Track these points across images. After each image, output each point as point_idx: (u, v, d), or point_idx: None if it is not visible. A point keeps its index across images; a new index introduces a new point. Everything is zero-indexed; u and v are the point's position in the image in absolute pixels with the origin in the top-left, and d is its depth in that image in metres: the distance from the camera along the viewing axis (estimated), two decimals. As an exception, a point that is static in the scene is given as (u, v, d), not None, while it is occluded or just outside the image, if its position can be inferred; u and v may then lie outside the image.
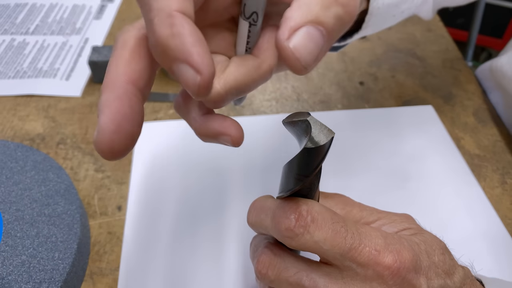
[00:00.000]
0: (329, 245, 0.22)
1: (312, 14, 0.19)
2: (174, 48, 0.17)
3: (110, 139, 0.18)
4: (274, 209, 0.23)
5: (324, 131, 0.20)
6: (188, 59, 0.17)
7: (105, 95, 0.18)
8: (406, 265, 0.22)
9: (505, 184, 0.40)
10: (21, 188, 0.35)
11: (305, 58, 0.19)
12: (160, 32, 0.17)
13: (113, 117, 0.18)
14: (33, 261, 0.31)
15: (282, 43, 0.18)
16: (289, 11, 0.19)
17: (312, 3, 0.19)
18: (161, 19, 0.17)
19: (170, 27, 0.17)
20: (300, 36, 0.18)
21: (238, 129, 0.22)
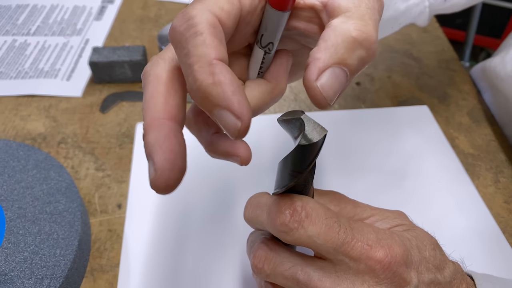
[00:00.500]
0: (323, 240, 0.22)
1: (338, 56, 0.20)
2: (216, 96, 0.18)
3: (168, 177, 0.19)
4: (269, 205, 0.24)
5: (317, 129, 0.20)
6: (229, 107, 0.18)
7: (152, 134, 0.19)
8: (397, 260, 0.23)
9: (498, 182, 0.41)
10: (23, 186, 0.36)
11: (330, 95, 0.20)
12: (203, 79, 0.18)
13: (168, 156, 0.19)
14: (35, 257, 0.31)
15: (312, 84, 0.20)
16: (317, 52, 0.20)
17: (339, 46, 0.20)
18: (202, 67, 0.18)
19: (211, 76, 0.18)
20: (327, 76, 0.20)
21: (247, 149, 0.24)
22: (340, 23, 0.21)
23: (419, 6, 0.35)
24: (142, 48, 0.51)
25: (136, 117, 0.47)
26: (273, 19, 0.21)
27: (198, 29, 0.19)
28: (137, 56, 0.50)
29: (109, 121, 0.46)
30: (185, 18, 0.19)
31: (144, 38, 0.58)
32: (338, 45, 0.20)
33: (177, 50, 0.19)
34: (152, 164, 0.19)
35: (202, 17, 0.19)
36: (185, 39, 0.19)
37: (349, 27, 0.20)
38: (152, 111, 0.20)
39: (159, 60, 0.21)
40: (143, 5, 0.65)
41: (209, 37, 0.19)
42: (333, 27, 0.21)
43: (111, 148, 0.44)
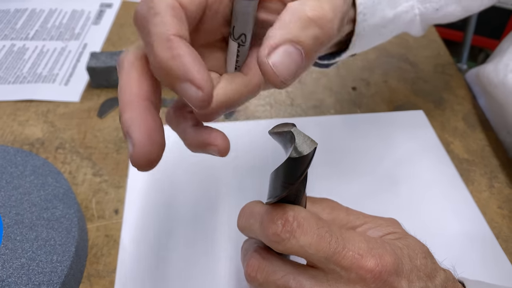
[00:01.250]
0: (314, 249, 0.23)
1: (291, 33, 0.20)
2: (176, 68, 0.19)
3: (146, 151, 0.20)
4: (262, 215, 0.24)
5: (307, 142, 0.21)
6: (189, 78, 0.19)
7: (127, 114, 0.20)
8: (387, 269, 0.23)
9: (492, 188, 0.41)
10: (20, 192, 0.36)
11: (283, 74, 0.20)
12: (161, 55, 0.19)
13: (143, 131, 0.20)
14: (32, 263, 0.32)
15: (262, 59, 0.20)
16: (271, 30, 0.21)
17: (291, 24, 0.20)
18: (161, 43, 0.19)
19: (170, 50, 0.19)
20: (279, 54, 0.20)
21: (224, 139, 0.24)
22: (297, 4, 0.21)
23: (409, 14, 0.34)
24: (140, 53, 0.51)
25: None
26: (241, 9, 0.21)
27: (157, 10, 0.19)
28: (135, 61, 0.50)
29: (107, 126, 0.47)
30: (147, 1, 0.20)
31: (142, 42, 0.59)
32: (292, 23, 0.20)
33: (140, 32, 0.20)
34: (130, 141, 0.20)
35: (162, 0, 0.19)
36: (146, 20, 0.19)
37: (304, 8, 0.21)
38: (126, 94, 0.21)
39: (131, 49, 0.22)
40: None
41: (167, 16, 0.19)
42: (289, 8, 0.21)
43: (108, 153, 0.44)
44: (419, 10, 0.35)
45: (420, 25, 0.36)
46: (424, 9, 0.35)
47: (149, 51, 0.20)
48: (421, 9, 0.35)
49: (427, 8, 0.35)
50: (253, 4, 0.21)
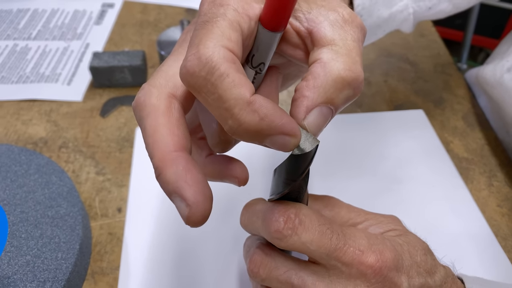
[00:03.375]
0: (316, 246, 0.23)
1: (327, 96, 0.20)
2: (268, 128, 0.19)
3: (203, 209, 0.19)
4: (264, 212, 0.24)
5: (309, 139, 0.21)
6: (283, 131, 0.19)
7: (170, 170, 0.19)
8: (387, 264, 0.23)
9: (491, 186, 0.42)
10: (25, 191, 0.37)
11: (314, 131, 0.21)
12: (249, 121, 0.18)
13: (197, 189, 0.19)
14: (37, 261, 0.32)
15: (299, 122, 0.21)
16: (306, 90, 0.21)
17: (328, 86, 0.20)
18: (243, 109, 0.18)
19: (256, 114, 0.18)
20: (314, 115, 0.21)
21: (244, 169, 0.24)
22: (330, 59, 0.21)
23: (403, 13, 0.35)
24: (142, 53, 0.52)
25: (136, 121, 0.48)
26: (265, 40, 0.21)
27: (222, 71, 0.18)
28: (137, 61, 0.50)
29: (109, 125, 0.47)
30: (201, 61, 0.18)
31: (143, 42, 0.59)
32: (327, 84, 0.20)
33: (201, 94, 0.19)
34: (181, 200, 0.19)
35: (219, 56, 0.18)
36: (211, 84, 0.18)
37: (338, 66, 0.20)
38: (160, 146, 0.19)
39: (152, 89, 0.21)
40: (143, 9, 0.66)
41: (236, 76, 0.18)
42: (323, 64, 0.21)
43: (111, 152, 0.44)
44: (413, 9, 0.35)
45: (412, 22, 0.37)
46: (417, 7, 0.35)
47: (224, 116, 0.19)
48: (415, 8, 0.36)
49: (420, 6, 0.36)
50: (278, 36, 0.21)
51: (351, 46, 0.21)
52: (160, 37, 0.54)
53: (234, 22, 0.20)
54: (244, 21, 0.20)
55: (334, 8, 0.22)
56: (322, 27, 0.21)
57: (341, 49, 0.21)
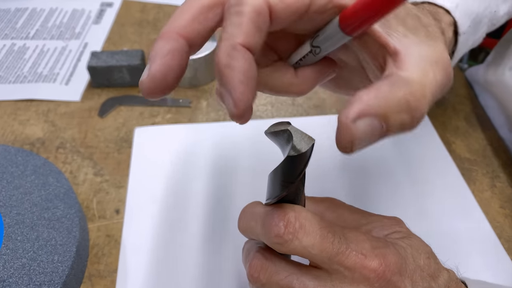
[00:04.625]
0: (317, 250, 0.23)
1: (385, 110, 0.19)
2: (226, 77, 0.19)
3: (154, 85, 0.20)
4: (263, 217, 0.24)
5: (304, 139, 0.21)
6: (231, 92, 0.19)
7: (161, 42, 0.20)
8: (391, 268, 0.23)
9: (494, 187, 0.41)
10: (21, 192, 0.36)
11: (357, 142, 0.19)
12: (221, 58, 0.19)
13: (163, 69, 0.20)
14: (33, 264, 0.32)
15: (347, 122, 0.19)
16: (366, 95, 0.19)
17: (391, 101, 0.19)
18: (226, 46, 0.19)
19: (228, 58, 0.19)
20: (365, 123, 0.19)
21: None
22: (402, 81, 0.20)
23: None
24: (141, 52, 0.51)
25: (134, 121, 0.47)
26: (332, 33, 0.20)
27: (242, 10, 0.19)
28: (136, 61, 0.50)
29: (108, 125, 0.47)
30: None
31: (142, 42, 0.59)
32: (390, 99, 0.19)
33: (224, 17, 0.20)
34: (148, 68, 0.20)
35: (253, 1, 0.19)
36: (229, 13, 0.19)
37: (407, 89, 0.19)
38: (174, 22, 0.20)
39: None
40: (142, 8, 0.65)
41: (247, 21, 0.19)
42: (393, 81, 0.20)
43: (109, 153, 0.44)
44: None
45: None
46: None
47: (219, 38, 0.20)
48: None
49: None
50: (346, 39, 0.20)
51: (428, 82, 0.20)
52: (159, 36, 0.54)
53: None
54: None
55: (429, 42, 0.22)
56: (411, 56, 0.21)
57: (417, 79, 0.20)
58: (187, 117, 0.48)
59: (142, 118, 0.47)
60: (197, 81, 0.51)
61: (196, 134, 0.45)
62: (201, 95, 0.50)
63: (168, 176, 0.41)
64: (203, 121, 0.47)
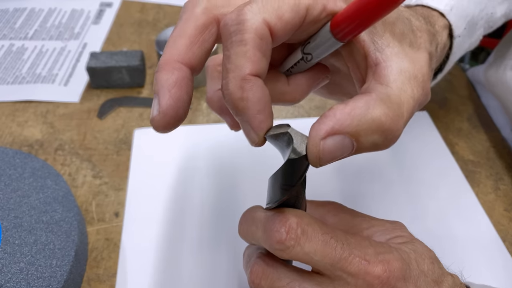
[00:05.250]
0: (320, 256, 0.22)
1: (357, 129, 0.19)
2: (242, 109, 0.19)
3: (168, 122, 0.20)
4: (264, 222, 0.23)
5: (305, 141, 0.20)
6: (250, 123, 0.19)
7: (164, 74, 0.20)
8: (395, 274, 0.23)
9: (498, 190, 0.41)
10: (19, 195, 0.36)
11: (324, 159, 0.20)
12: (232, 91, 0.19)
13: (173, 103, 0.20)
14: (31, 268, 0.31)
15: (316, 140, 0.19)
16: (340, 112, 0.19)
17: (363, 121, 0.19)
18: (235, 79, 0.19)
19: (241, 90, 0.19)
20: (334, 141, 0.19)
21: None
22: (378, 99, 0.20)
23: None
24: (140, 53, 0.51)
25: (134, 123, 0.47)
26: (324, 39, 0.20)
27: (244, 38, 0.18)
28: (135, 62, 0.49)
29: (107, 127, 0.46)
30: (237, 19, 0.19)
31: (142, 42, 0.58)
32: (364, 120, 0.19)
33: (224, 44, 0.20)
34: (157, 103, 0.20)
35: (252, 24, 0.18)
36: (231, 42, 0.19)
37: (383, 110, 0.19)
38: (173, 49, 0.20)
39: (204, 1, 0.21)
40: (141, 8, 0.65)
41: (252, 50, 0.19)
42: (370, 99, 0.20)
43: (108, 155, 0.43)
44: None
45: None
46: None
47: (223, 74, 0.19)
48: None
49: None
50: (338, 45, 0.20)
51: (405, 99, 0.20)
52: (159, 37, 0.53)
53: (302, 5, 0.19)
54: (315, 9, 0.19)
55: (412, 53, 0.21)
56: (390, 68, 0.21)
57: (395, 96, 0.20)
58: (187, 118, 0.47)
59: (141, 119, 0.47)
60: (197, 82, 0.51)
61: (196, 136, 0.45)
62: (201, 96, 0.50)
63: (168, 178, 0.41)
64: (203, 122, 0.47)
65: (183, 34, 0.20)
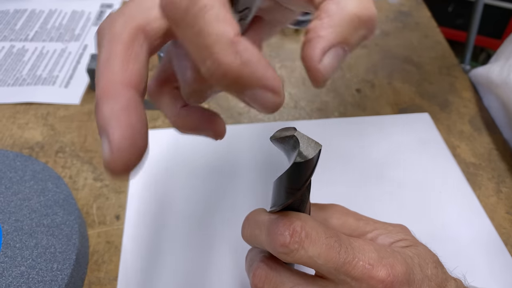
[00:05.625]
0: (323, 260, 0.22)
1: (344, 36, 0.19)
2: (248, 76, 0.16)
3: (126, 158, 0.16)
4: (268, 225, 0.23)
5: (311, 145, 0.20)
6: (265, 84, 0.17)
7: (107, 104, 0.17)
8: (399, 279, 0.22)
9: (500, 193, 0.41)
10: (20, 198, 0.35)
11: (328, 73, 0.19)
12: (229, 62, 0.16)
13: (125, 133, 0.16)
14: (32, 272, 0.31)
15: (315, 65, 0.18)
16: (322, 29, 0.18)
17: (344, 25, 0.18)
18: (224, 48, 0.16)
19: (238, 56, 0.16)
20: (330, 56, 0.19)
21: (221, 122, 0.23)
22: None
23: None
24: (141, 55, 0.50)
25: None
26: None
27: (206, 2, 0.16)
28: (136, 63, 0.49)
29: (108, 129, 0.46)
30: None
31: (143, 43, 0.58)
32: (343, 23, 0.18)
33: (180, 27, 0.16)
34: (107, 142, 0.16)
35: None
36: (193, 15, 0.16)
37: (353, 4, 0.19)
38: (107, 75, 0.17)
39: (118, 17, 0.19)
40: None
41: (222, 10, 0.16)
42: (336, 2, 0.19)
43: (109, 157, 0.43)
44: None
45: None
46: None
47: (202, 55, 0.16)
48: None
49: None
50: None
51: None
52: (159, 38, 0.53)
53: None
54: None
55: None
56: None
57: None
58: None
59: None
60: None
61: (197, 138, 0.45)
62: (202, 98, 0.50)
63: (169, 180, 0.41)
64: (204, 124, 0.47)
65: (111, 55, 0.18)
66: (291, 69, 0.54)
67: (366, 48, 0.58)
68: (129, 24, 0.18)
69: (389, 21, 0.62)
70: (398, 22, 0.62)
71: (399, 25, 0.62)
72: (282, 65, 0.55)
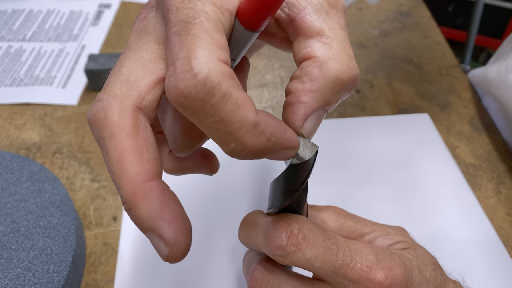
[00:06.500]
0: (321, 262, 0.22)
1: (326, 100, 0.19)
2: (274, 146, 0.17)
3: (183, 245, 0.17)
4: (265, 227, 0.23)
5: (308, 146, 0.20)
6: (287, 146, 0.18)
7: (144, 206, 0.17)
8: (397, 281, 0.22)
9: (499, 193, 0.40)
10: (16, 199, 0.35)
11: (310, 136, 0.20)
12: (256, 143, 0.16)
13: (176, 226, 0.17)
14: (28, 274, 0.31)
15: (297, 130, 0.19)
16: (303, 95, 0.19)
17: (326, 89, 0.19)
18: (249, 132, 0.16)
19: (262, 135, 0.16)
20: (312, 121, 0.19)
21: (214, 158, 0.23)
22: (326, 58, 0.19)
23: None
24: (139, 55, 0.50)
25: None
26: (240, 38, 0.19)
27: (224, 91, 0.15)
28: (134, 64, 0.49)
29: (105, 130, 0.46)
30: (199, 81, 0.15)
31: (141, 44, 0.58)
32: (326, 87, 0.19)
33: (197, 117, 0.16)
34: (158, 239, 0.17)
35: (218, 74, 0.15)
36: (211, 106, 0.15)
37: (336, 67, 0.19)
38: (129, 176, 0.17)
39: (112, 102, 0.17)
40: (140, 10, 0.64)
41: (239, 95, 0.16)
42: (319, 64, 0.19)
43: (107, 158, 0.43)
44: None
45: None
46: None
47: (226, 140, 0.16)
48: None
49: None
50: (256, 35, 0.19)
51: (342, 37, 0.19)
52: (157, 38, 0.53)
53: (218, 22, 0.17)
54: (225, 18, 0.17)
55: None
56: (307, 14, 0.19)
57: (333, 42, 0.19)
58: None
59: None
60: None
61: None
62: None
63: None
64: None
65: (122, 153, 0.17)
66: (290, 69, 0.54)
67: (366, 48, 0.57)
68: (125, 108, 0.17)
69: (389, 21, 0.62)
70: (397, 22, 0.62)
71: (398, 25, 0.62)
72: (281, 66, 0.55)
